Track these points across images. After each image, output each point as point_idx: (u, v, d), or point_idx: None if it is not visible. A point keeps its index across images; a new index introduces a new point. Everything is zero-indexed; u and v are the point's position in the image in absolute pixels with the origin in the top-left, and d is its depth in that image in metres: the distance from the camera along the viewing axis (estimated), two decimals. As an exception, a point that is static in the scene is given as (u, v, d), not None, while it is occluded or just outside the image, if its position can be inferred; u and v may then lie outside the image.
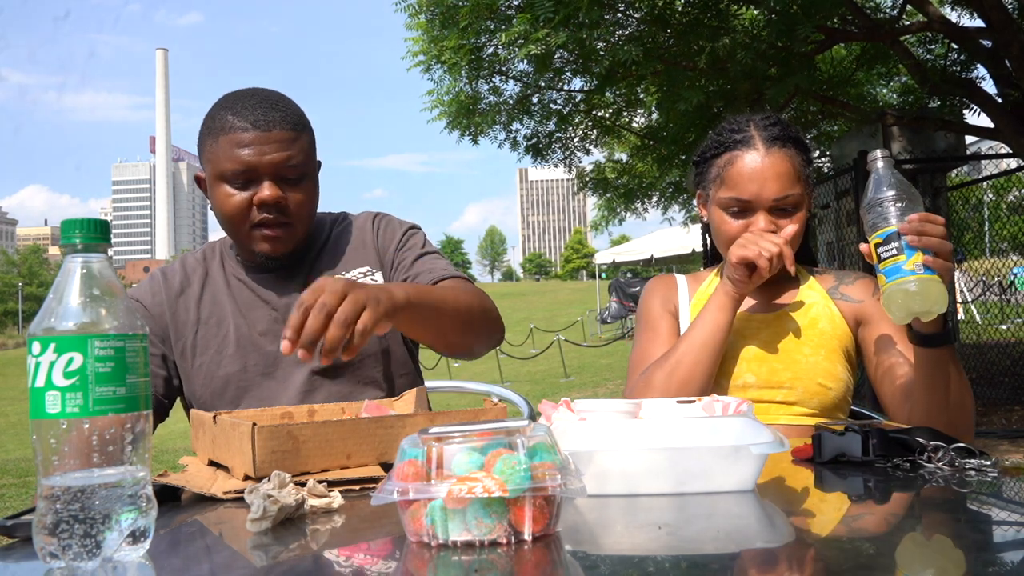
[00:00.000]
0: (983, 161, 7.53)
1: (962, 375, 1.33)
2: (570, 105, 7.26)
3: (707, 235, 1.70)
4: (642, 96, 7.39)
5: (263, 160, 1.43)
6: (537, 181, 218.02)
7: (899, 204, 1.19)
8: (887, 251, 1.18)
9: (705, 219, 1.61)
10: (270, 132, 1.44)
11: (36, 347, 0.71)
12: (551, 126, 7.33)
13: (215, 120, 1.47)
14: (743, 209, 1.49)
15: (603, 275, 31.48)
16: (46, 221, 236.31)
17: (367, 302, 1.09)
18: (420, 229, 1.68)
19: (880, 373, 1.48)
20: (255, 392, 1.51)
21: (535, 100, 6.94)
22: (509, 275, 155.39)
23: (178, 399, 1.60)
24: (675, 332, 1.61)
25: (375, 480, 1.01)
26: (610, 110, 7.98)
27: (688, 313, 1.62)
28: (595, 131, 8.15)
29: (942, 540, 0.77)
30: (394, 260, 1.61)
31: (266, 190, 1.44)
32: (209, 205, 1.55)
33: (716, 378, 1.49)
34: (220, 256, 1.65)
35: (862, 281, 1.58)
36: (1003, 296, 9.73)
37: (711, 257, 1.77)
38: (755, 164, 1.47)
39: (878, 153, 1.24)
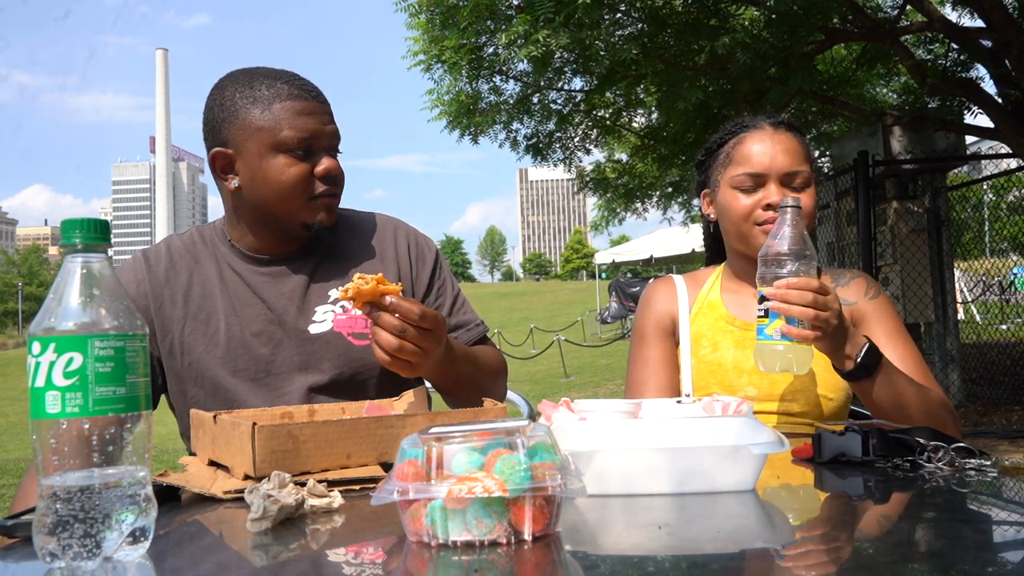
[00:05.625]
0: (983, 161, 7.53)
1: (914, 390, 1.35)
2: (570, 105, 7.26)
3: (709, 233, 1.70)
4: (642, 96, 7.39)
5: (325, 130, 1.41)
6: (537, 181, 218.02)
7: (787, 267, 1.26)
8: (759, 311, 1.28)
9: (711, 217, 1.62)
10: (323, 104, 1.43)
11: (36, 347, 0.71)
12: (551, 126, 7.32)
13: (258, 87, 1.39)
14: (755, 184, 1.51)
15: (603, 275, 31.46)
16: (46, 221, 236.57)
17: (428, 356, 1.22)
18: (440, 251, 1.65)
19: None
20: (250, 403, 1.41)
21: (535, 100, 6.93)
22: (509, 275, 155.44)
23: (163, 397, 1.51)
24: (668, 354, 1.62)
25: (375, 480, 1.01)
26: (610, 110, 7.98)
27: (688, 321, 1.62)
28: (595, 131, 8.14)
29: (942, 540, 0.77)
30: (427, 292, 1.57)
31: (328, 161, 1.41)
32: (233, 185, 1.42)
33: (717, 392, 1.50)
34: (212, 242, 1.52)
35: (856, 281, 1.58)
36: (1003, 296, 9.74)
37: (712, 256, 1.76)
38: (765, 140, 1.52)
39: (789, 200, 1.30)
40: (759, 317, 1.27)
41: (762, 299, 1.27)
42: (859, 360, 1.30)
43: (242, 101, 1.40)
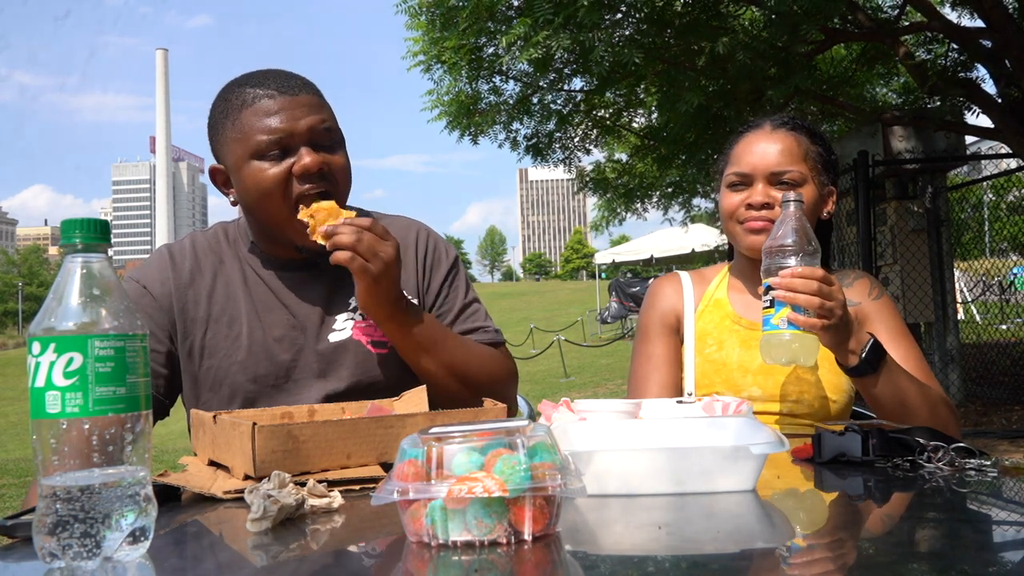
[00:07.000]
0: (983, 161, 7.53)
1: (916, 388, 1.36)
2: (570, 105, 7.26)
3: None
4: (642, 96, 7.39)
5: (297, 125, 1.34)
6: (537, 181, 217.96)
7: (791, 259, 1.27)
8: (764, 302, 1.29)
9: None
10: (297, 96, 1.36)
11: (36, 347, 0.71)
12: (551, 126, 7.32)
13: (231, 99, 1.38)
14: (743, 183, 1.53)
15: (603, 275, 31.45)
16: (46, 221, 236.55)
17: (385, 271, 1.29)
18: (459, 259, 1.61)
19: None
20: (265, 406, 1.37)
21: (535, 100, 6.93)
22: (509, 275, 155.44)
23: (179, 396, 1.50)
24: (671, 351, 1.62)
25: (375, 480, 1.01)
26: (610, 110, 7.98)
27: (693, 319, 1.62)
28: (595, 131, 8.14)
29: (942, 540, 0.77)
30: (436, 298, 1.54)
31: (306, 157, 1.33)
32: (231, 200, 1.43)
33: (722, 391, 1.51)
34: (235, 243, 1.51)
35: (860, 282, 1.59)
36: (1003, 296, 9.75)
37: (731, 255, 1.76)
38: (759, 140, 1.54)
39: (791, 195, 1.31)
40: (764, 308, 1.28)
41: (767, 290, 1.28)
42: (864, 355, 1.30)
43: (220, 115, 1.40)
